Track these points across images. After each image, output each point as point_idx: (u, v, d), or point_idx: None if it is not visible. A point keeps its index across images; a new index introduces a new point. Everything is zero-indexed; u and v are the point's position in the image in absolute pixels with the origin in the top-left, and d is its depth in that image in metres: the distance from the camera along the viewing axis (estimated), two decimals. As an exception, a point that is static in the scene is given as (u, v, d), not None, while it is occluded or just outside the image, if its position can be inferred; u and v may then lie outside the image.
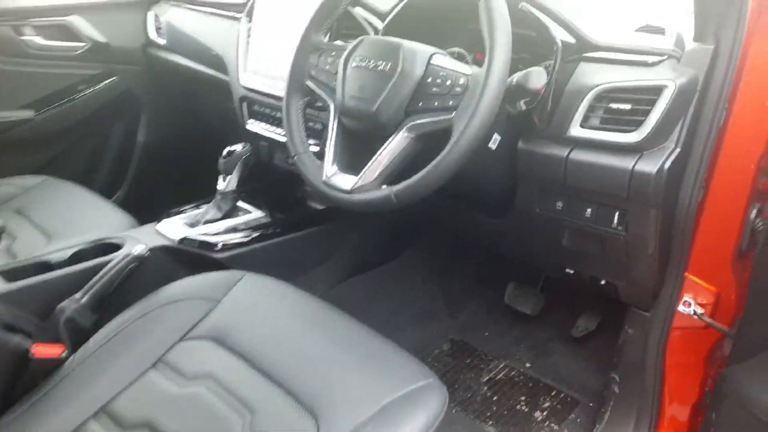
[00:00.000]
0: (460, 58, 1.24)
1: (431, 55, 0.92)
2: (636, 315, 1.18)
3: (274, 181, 1.59)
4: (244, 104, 1.54)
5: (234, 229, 1.36)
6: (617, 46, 0.98)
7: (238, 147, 1.38)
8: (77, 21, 1.80)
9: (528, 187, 1.11)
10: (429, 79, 0.90)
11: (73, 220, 1.38)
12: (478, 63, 1.17)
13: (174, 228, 1.33)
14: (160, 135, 2.07)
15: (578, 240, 1.12)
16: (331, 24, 1.11)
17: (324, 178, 1.00)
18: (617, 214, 1.01)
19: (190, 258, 1.29)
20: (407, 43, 0.94)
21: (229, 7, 1.65)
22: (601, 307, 1.53)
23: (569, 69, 1.00)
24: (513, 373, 1.52)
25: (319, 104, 1.12)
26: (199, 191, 1.46)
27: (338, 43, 1.09)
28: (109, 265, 1.11)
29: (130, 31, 1.93)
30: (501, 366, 1.54)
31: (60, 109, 1.83)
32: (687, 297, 1.05)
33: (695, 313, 1.04)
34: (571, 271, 1.22)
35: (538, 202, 1.10)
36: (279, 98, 1.27)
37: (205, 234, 1.32)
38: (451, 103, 0.87)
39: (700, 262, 1.04)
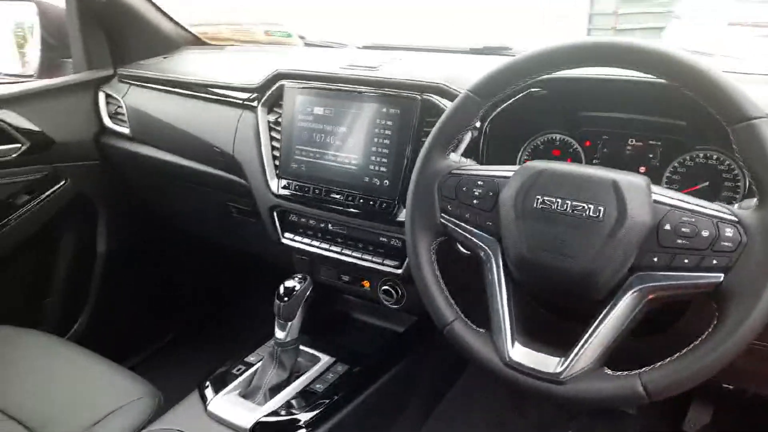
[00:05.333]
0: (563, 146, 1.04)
1: (650, 189, 0.70)
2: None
3: (335, 312, 1.29)
4: (275, 214, 1.22)
5: (311, 394, 1.03)
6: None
7: (294, 283, 1.06)
8: (9, 117, 1.37)
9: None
10: (667, 227, 0.67)
11: (52, 394, 1.04)
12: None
13: (232, 407, 0.99)
14: (125, 243, 1.66)
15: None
16: (460, 139, 0.84)
17: (506, 357, 0.74)
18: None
19: None
20: (622, 177, 0.70)
21: (221, 90, 1.31)
22: (712, 394, 1.37)
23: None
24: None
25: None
26: (192, 313, 1.18)
27: (482, 167, 0.81)
28: None
29: (78, 119, 1.51)
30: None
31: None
32: None
33: None
34: (731, 387, 1.04)
35: None
36: (323, 203, 1.11)
37: (282, 410, 0.99)
38: (715, 262, 0.65)
39: None
